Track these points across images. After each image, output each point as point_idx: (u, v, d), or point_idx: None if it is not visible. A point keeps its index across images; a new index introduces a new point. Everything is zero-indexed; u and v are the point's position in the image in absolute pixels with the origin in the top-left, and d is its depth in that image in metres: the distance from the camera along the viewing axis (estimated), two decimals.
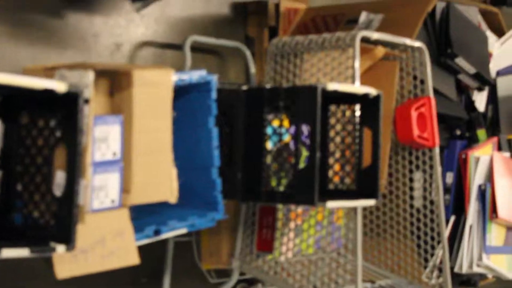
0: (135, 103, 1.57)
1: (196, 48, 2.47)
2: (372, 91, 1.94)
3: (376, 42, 2.27)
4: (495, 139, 2.68)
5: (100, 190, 1.54)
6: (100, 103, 1.59)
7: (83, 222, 1.46)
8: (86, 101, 1.41)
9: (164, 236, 1.72)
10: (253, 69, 2.55)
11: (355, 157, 2.00)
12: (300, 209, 2.20)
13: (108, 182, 1.56)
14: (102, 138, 1.54)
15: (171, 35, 2.53)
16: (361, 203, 1.96)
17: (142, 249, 1.67)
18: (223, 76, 2.67)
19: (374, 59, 2.29)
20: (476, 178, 2.52)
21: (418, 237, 2.40)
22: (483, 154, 2.56)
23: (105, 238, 1.52)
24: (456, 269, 2.49)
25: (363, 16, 2.58)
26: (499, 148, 2.70)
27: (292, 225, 2.20)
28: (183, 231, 1.77)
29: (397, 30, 2.37)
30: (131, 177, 1.58)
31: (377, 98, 1.95)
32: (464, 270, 2.50)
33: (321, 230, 2.28)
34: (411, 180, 2.41)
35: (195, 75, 1.77)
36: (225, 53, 2.67)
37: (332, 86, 1.83)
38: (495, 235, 2.56)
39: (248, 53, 2.55)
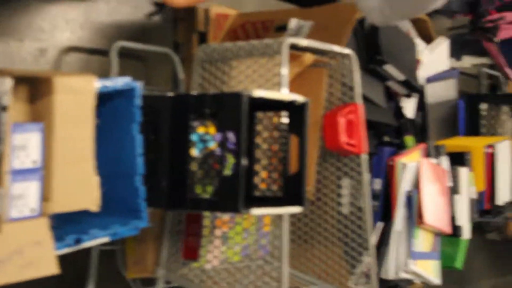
0: (56, 110, 1.58)
1: (124, 54, 2.47)
2: (298, 98, 1.98)
3: (305, 49, 2.32)
4: (423, 145, 2.76)
5: (19, 199, 1.54)
6: (20, 110, 1.59)
7: (0, 231, 1.46)
8: (4, 108, 1.42)
9: (85, 245, 1.72)
10: (181, 75, 2.57)
11: (282, 164, 2.04)
12: (226, 217, 2.23)
13: (27, 191, 1.56)
14: (21, 146, 1.54)
15: (98, 40, 2.53)
16: (286, 210, 2.00)
17: (65, 258, 1.68)
18: (151, 82, 2.68)
19: (302, 66, 2.34)
20: (403, 185, 2.59)
21: (346, 244, 2.46)
22: (410, 161, 2.63)
23: (23, 247, 1.52)
24: (382, 275, 2.56)
25: (293, 23, 2.62)
26: (427, 155, 2.78)
27: (218, 232, 2.23)
28: (105, 239, 1.78)
29: (326, 37, 2.43)
30: (51, 185, 1.59)
31: (303, 105, 1.99)
32: (391, 276, 2.57)
33: (248, 237, 2.31)
34: (339, 186, 2.46)
35: (120, 82, 1.78)
36: (154, 59, 2.68)
37: (258, 93, 1.87)
38: (422, 240, 2.64)
39: (176, 59, 2.57)
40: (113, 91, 1.78)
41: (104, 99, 1.80)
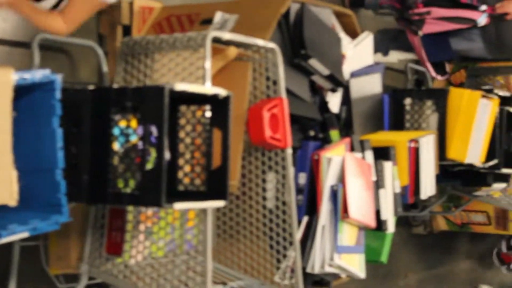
0: None
1: (47, 47, 2.47)
2: (221, 91, 2.02)
3: (229, 43, 2.35)
4: (347, 139, 2.83)
5: None
6: None
7: None
8: None
9: (3, 240, 1.72)
10: (105, 68, 2.57)
11: (205, 158, 2.07)
12: (150, 211, 2.25)
13: None
14: None
15: (21, 33, 2.51)
16: (209, 204, 2.04)
17: None
18: (75, 75, 2.68)
19: (226, 59, 2.38)
20: (328, 179, 2.65)
21: (271, 238, 2.51)
22: (335, 155, 2.70)
23: None
24: (308, 270, 2.62)
25: (218, 17, 2.66)
26: (352, 149, 2.85)
27: (142, 227, 2.25)
28: (25, 235, 1.78)
29: (251, 31, 2.47)
30: None
31: (226, 98, 2.03)
32: (316, 270, 2.63)
33: (173, 232, 2.34)
34: (264, 181, 2.51)
35: (38, 75, 1.78)
36: (78, 52, 2.67)
37: (180, 87, 1.90)
38: (347, 235, 2.71)
39: (100, 52, 2.57)
40: (32, 83, 1.78)
41: (23, 92, 1.80)
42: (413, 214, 4.67)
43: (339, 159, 2.69)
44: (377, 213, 2.91)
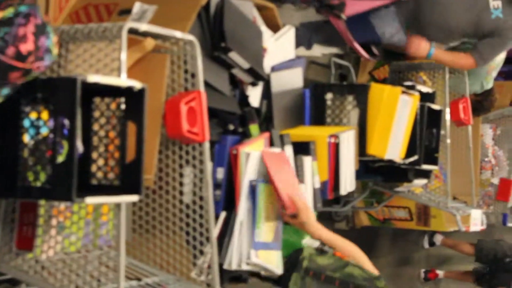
0: None
1: None
2: (136, 84, 2.03)
3: (146, 34, 2.36)
4: (267, 134, 2.87)
5: None
6: None
7: None
8: None
9: None
10: None
11: (119, 152, 2.08)
12: (63, 206, 2.25)
13: None
14: None
15: None
16: (122, 198, 2.05)
17: None
18: None
19: (143, 51, 2.38)
20: (247, 174, 2.69)
21: (188, 233, 2.53)
22: (254, 150, 2.74)
23: None
24: (225, 266, 2.65)
25: (137, 7, 2.66)
26: (271, 144, 2.89)
27: (54, 222, 2.24)
28: None
29: (170, 23, 2.49)
30: None
31: (141, 91, 2.05)
32: (234, 267, 2.66)
33: (86, 227, 2.34)
34: (181, 175, 2.53)
35: None
36: None
37: (93, 78, 1.91)
38: (264, 231, 2.74)
39: None
40: None
41: None
42: (336, 209, 4.76)
43: (257, 154, 2.72)
44: None
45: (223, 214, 2.67)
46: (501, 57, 4.92)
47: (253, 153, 2.70)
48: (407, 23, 4.07)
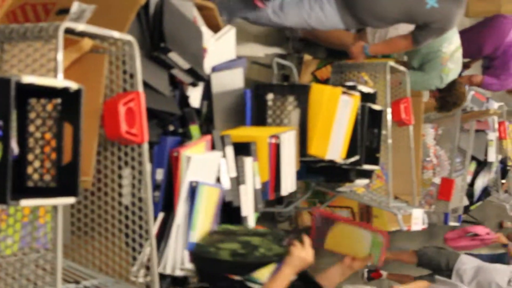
0: None
1: None
2: (72, 85, 2.03)
3: (84, 34, 2.36)
4: (208, 137, 2.89)
5: None
6: None
7: None
8: None
9: None
10: None
11: (55, 153, 2.08)
12: None
13: None
14: None
15: None
16: (59, 201, 2.05)
17: None
18: None
19: (80, 51, 2.38)
20: (187, 177, 2.70)
21: (127, 235, 2.53)
22: (195, 152, 2.75)
23: None
24: (160, 269, 2.66)
25: (75, 7, 2.64)
26: (212, 145, 2.91)
27: None
28: None
29: (109, 23, 2.49)
30: None
31: (78, 92, 2.05)
32: (169, 271, 2.68)
33: (23, 229, 2.33)
34: (120, 176, 2.54)
35: None
36: None
37: (28, 79, 1.90)
38: (200, 233, 2.76)
39: None
40: None
41: None
42: (278, 210, 4.81)
43: (199, 158, 2.73)
44: (237, 209, 3.00)
45: (161, 215, 2.68)
46: (453, 46, 5.02)
47: (193, 156, 2.70)
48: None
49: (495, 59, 6.28)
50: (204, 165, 2.76)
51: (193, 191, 2.70)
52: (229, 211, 2.95)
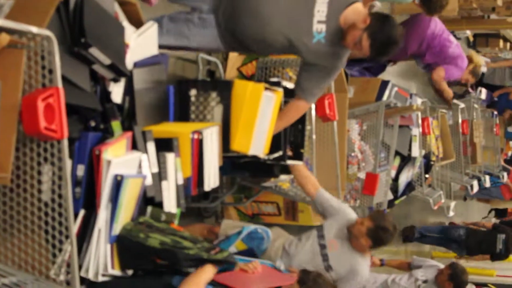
0: None
1: None
2: None
3: (1, 29, 2.35)
4: (129, 134, 2.89)
5: None
6: None
7: None
8: None
9: None
10: None
11: None
12: None
13: None
14: None
15: None
16: None
17: None
18: None
19: None
20: (108, 180, 2.70)
21: (46, 232, 2.54)
22: (116, 151, 2.76)
23: None
24: (82, 273, 2.67)
25: None
26: (134, 142, 2.92)
27: None
28: None
29: (28, 17, 2.49)
30: None
31: None
32: (90, 276, 2.68)
33: None
34: (39, 173, 2.53)
35: None
36: None
37: None
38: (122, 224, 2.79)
39: None
40: None
41: None
42: (204, 205, 4.86)
43: (118, 161, 2.73)
44: (160, 205, 3.03)
45: (82, 212, 2.69)
46: None
47: (114, 160, 2.70)
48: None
49: (425, 55, 6.47)
50: (124, 165, 2.77)
51: (118, 185, 2.71)
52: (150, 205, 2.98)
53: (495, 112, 10.07)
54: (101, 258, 2.70)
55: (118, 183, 2.72)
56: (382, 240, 4.28)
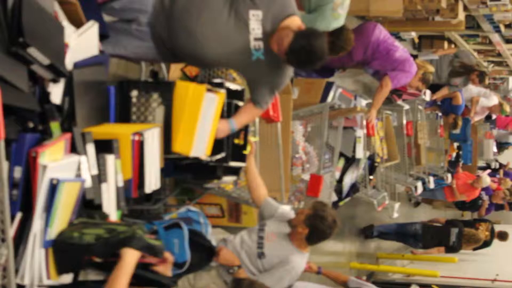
0: None
1: None
2: None
3: None
4: (68, 135, 2.88)
5: None
6: None
7: None
8: None
9: None
10: None
11: None
12: None
13: None
14: None
15: None
16: None
17: None
18: None
19: None
20: (45, 181, 2.69)
21: None
22: (54, 154, 2.75)
23: None
24: (17, 280, 2.64)
25: None
26: (73, 143, 2.91)
27: None
28: None
29: None
30: None
31: None
32: (27, 284, 2.66)
33: None
34: None
35: None
36: None
37: None
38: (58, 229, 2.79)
39: None
40: None
41: None
42: (147, 207, 4.85)
43: (54, 166, 2.72)
44: (99, 207, 3.02)
45: (19, 215, 2.67)
46: None
47: (50, 165, 2.69)
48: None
49: (371, 62, 6.56)
50: (62, 168, 2.77)
51: (53, 189, 2.70)
52: (90, 209, 2.97)
53: (439, 114, 10.26)
54: (35, 265, 2.68)
55: (53, 187, 2.70)
56: (318, 229, 4.34)
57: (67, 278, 2.83)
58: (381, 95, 6.65)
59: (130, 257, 2.84)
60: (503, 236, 12.00)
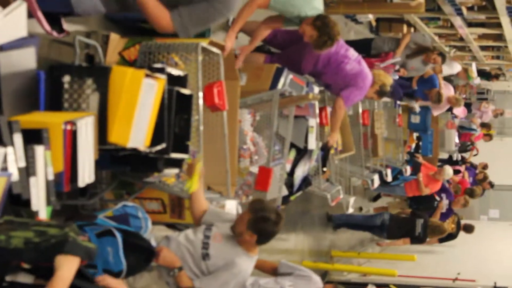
0: None
1: None
2: None
3: None
4: None
5: None
6: None
7: None
8: None
9: None
10: None
11: None
12: None
13: None
14: None
15: None
16: None
17: None
18: None
19: None
20: None
21: None
22: None
23: None
24: None
25: None
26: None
27: None
28: None
29: None
30: None
31: None
32: None
33: None
34: None
35: None
36: None
37: None
38: None
39: None
40: None
41: None
42: (81, 202, 4.82)
43: None
44: (27, 203, 3.01)
45: None
46: None
47: None
48: None
49: (321, 76, 6.62)
50: None
51: None
52: (17, 204, 2.96)
53: (398, 102, 10.33)
54: None
55: None
56: (266, 230, 4.38)
57: None
58: (336, 118, 6.85)
59: (67, 266, 2.81)
60: (469, 229, 12.41)
